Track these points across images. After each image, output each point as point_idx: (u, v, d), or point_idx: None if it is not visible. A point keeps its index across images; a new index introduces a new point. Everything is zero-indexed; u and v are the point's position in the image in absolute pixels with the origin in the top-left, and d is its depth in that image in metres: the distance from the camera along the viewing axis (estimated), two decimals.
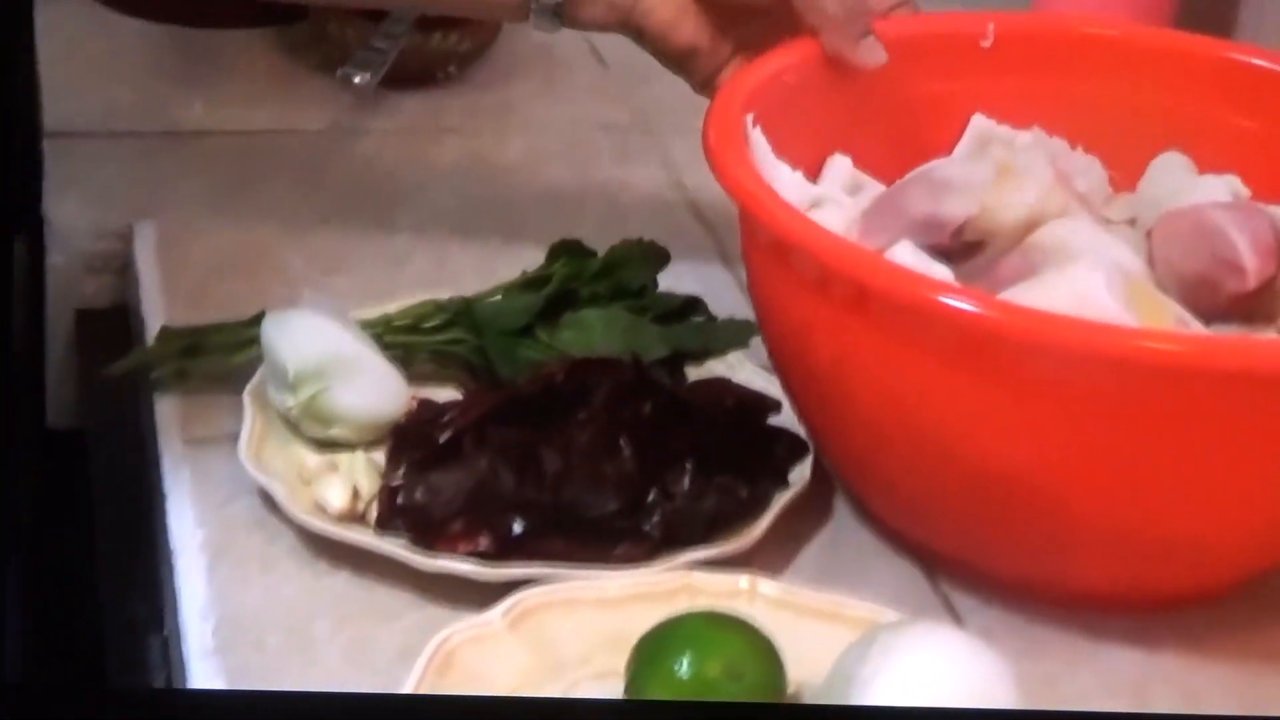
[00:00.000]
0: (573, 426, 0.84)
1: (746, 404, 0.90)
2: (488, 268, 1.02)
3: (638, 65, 1.23)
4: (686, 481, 0.83)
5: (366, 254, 1.07)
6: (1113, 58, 0.97)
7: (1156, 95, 0.96)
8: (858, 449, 0.84)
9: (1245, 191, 0.91)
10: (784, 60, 0.90)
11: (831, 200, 0.87)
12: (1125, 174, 0.96)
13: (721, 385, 0.92)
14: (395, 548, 0.80)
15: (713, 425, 0.86)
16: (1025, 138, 0.95)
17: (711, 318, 0.98)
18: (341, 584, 0.81)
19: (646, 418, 0.85)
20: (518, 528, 0.81)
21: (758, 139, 0.85)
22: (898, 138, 0.95)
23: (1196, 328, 0.79)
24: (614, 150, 1.23)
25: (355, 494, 0.83)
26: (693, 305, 0.98)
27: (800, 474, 0.87)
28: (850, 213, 0.86)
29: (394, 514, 0.81)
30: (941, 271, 0.80)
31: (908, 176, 0.86)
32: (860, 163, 0.92)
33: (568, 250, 0.99)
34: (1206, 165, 0.94)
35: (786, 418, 0.89)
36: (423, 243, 1.08)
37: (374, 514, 0.82)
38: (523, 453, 0.82)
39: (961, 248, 0.83)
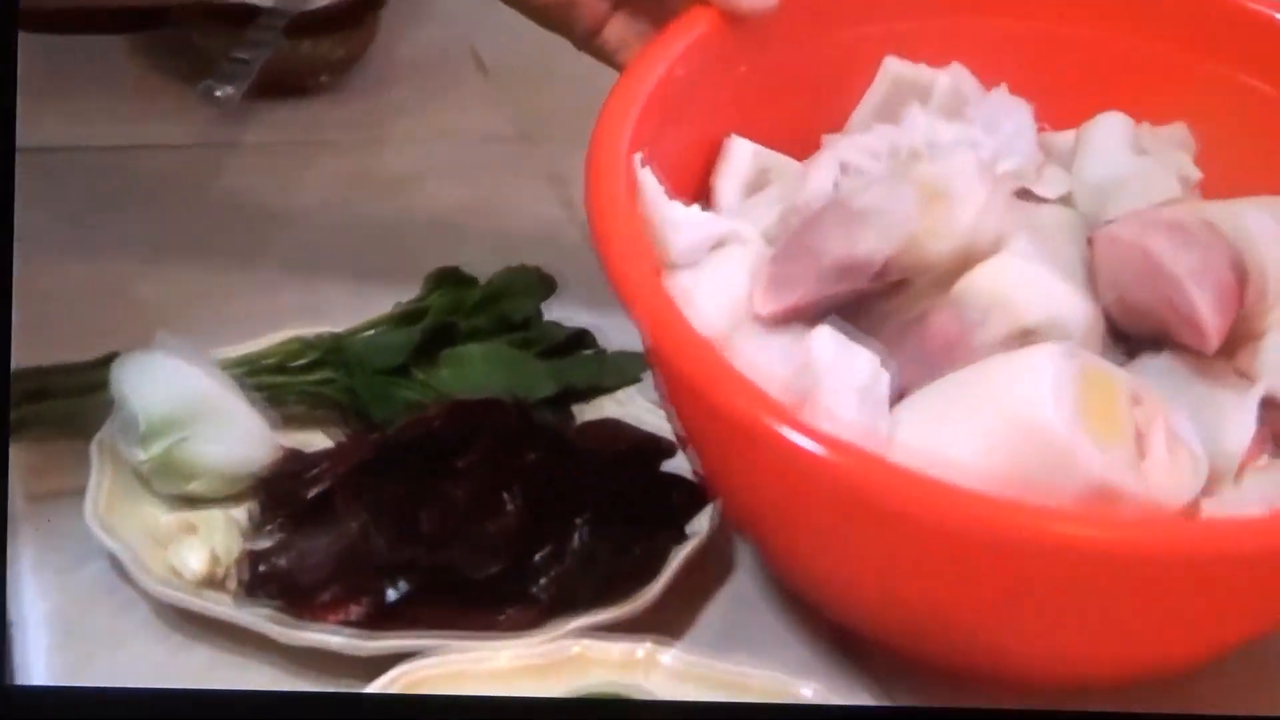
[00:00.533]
0: (452, 479, 0.77)
1: (640, 448, 0.83)
2: (363, 298, 0.95)
3: (520, 71, 1.16)
4: (577, 539, 0.76)
5: (231, 284, 0.99)
6: None
7: (1091, 29, 0.88)
8: (764, 532, 0.77)
9: (1194, 174, 0.84)
10: (669, 54, 0.81)
11: (735, 238, 0.78)
12: (1057, 118, 0.88)
13: (613, 427, 0.85)
14: (259, 619, 0.73)
15: (604, 473, 0.80)
16: (944, 79, 0.86)
17: (601, 351, 0.92)
18: (201, 660, 0.74)
19: (532, 467, 0.78)
20: (393, 594, 0.74)
21: (648, 183, 0.76)
22: (805, 99, 0.86)
23: (1150, 401, 0.69)
24: (498, 164, 1.16)
25: (215, 558, 0.76)
26: (581, 338, 0.92)
27: (699, 525, 0.80)
28: (755, 250, 0.77)
29: (257, 582, 0.74)
30: (865, 366, 0.70)
31: (821, 207, 0.77)
32: (772, 137, 0.84)
33: (446, 279, 0.92)
34: (1149, 110, 0.86)
35: (681, 460, 0.82)
36: (293, 271, 1.01)
37: (236, 580, 0.75)
38: (398, 510, 0.76)
39: (885, 287, 0.74)
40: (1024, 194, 0.83)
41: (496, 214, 1.09)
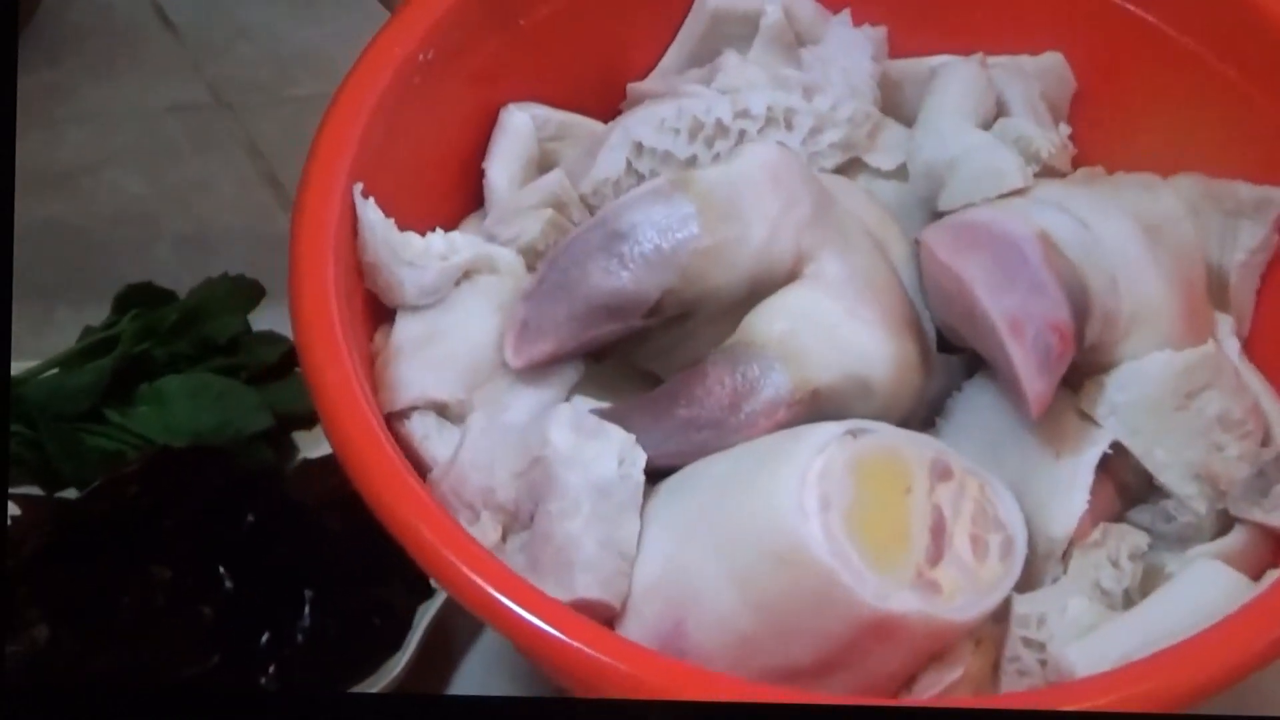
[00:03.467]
0: (156, 556, 0.66)
1: None
2: (44, 323, 0.83)
3: (211, 28, 1.03)
4: (306, 615, 0.66)
5: None
6: None
7: None
8: None
9: (1044, 144, 0.69)
10: (410, 39, 0.67)
11: (485, 265, 0.66)
12: (917, 41, 0.75)
13: (336, 468, 0.74)
14: None
15: (330, 531, 0.70)
16: (773, 8, 0.73)
17: None
18: None
19: (249, 534, 0.67)
20: (91, 706, 0.63)
21: (372, 219, 0.63)
22: (604, 46, 0.74)
23: (960, 473, 0.59)
24: (192, 138, 1.03)
25: None
26: (294, 356, 0.80)
27: None
28: (510, 279, 0.65)
29: None
30: (611, 455, 0.59)
31: (582, 229, 0.64)
32: (563, 97, 0.72)
33: (137, 298, 0.81)
34: (1020, 32, 0.74)
35: None
36: None
37: None
38: (90, 603, 0.64)
39: (663, 322, 0.63)
40: (855, 163, 0.71)
41: (192, 202, 0.97)
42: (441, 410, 0.64)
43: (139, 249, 0.90)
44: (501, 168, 0.70)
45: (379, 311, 0.66)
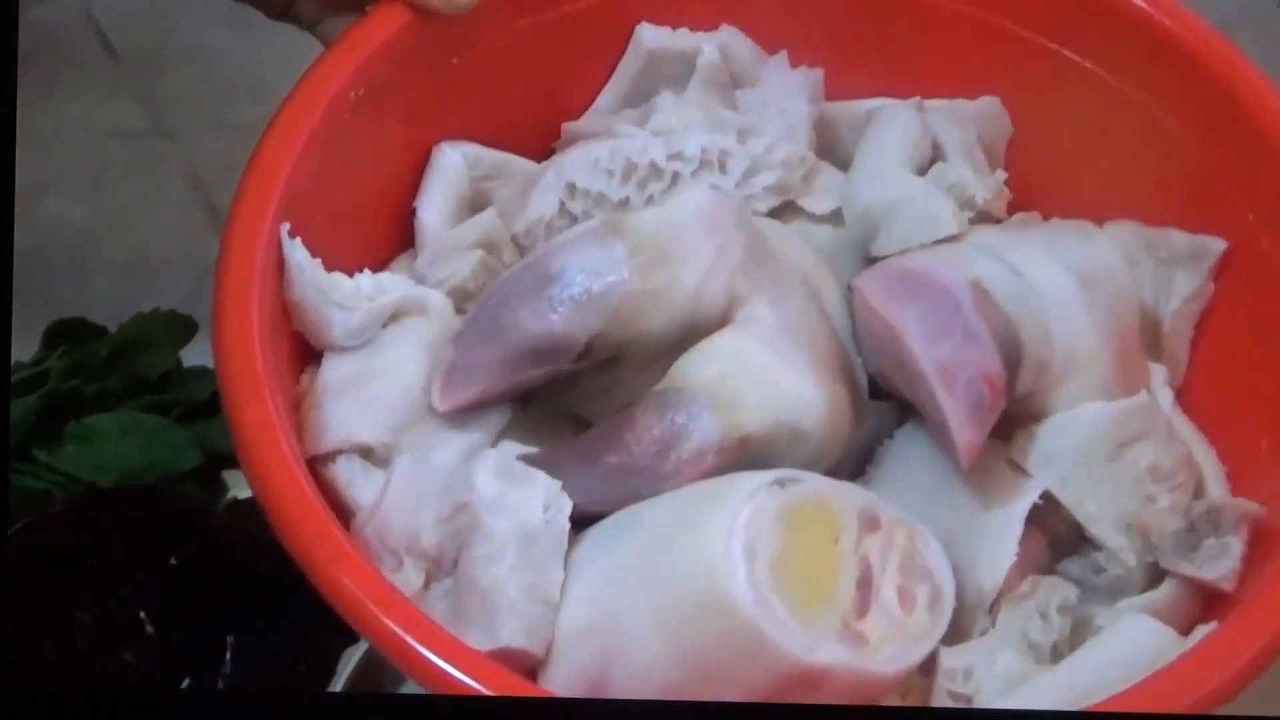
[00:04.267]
0: (79, 599, 0.65)
1: None
2: None
3: (150, 52, 1.02)
4: (228, 661, 0.65)
5: None
6: None
7: None
8: None
9: (981, 190, 0.68)
10: (338, 78, 0.65)
11: (414, 306, 0.65)
12: (852, 84, 0.74)
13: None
14: None
15: (257, 572, 0.68)
16: (709, 49, 0.73)
17: None
18: None
19: (173, 576, 0.66)
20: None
21: (298, 259, 0.62)
22: (539, 86, 0.72)
23: (888, 522, 0.58)
24: (131, 165, 1.02)
25: None
26: None
27: None
28: (439, 321, 0.64)
29: None
30: (536, 501, 0.58)
31: (512, 272, 0.63)
32: (496, 138, 0.70)
33: (67, 333, 0.79)
34: (956, 84, 0.73)
35: None
36: None
37: None
38: (11, 648, 0.63)
39: (592, 365, 0.62)
40: (789, 207, 0.70)
41: (129, 230, 0.96)
42: (367, 454, 0.63)
43: (75, 275, 0.89)
44: (433, 207, 0.69)
45: (306, 352, 0.65)
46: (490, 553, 0.57)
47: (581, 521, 0.60)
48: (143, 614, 0.64)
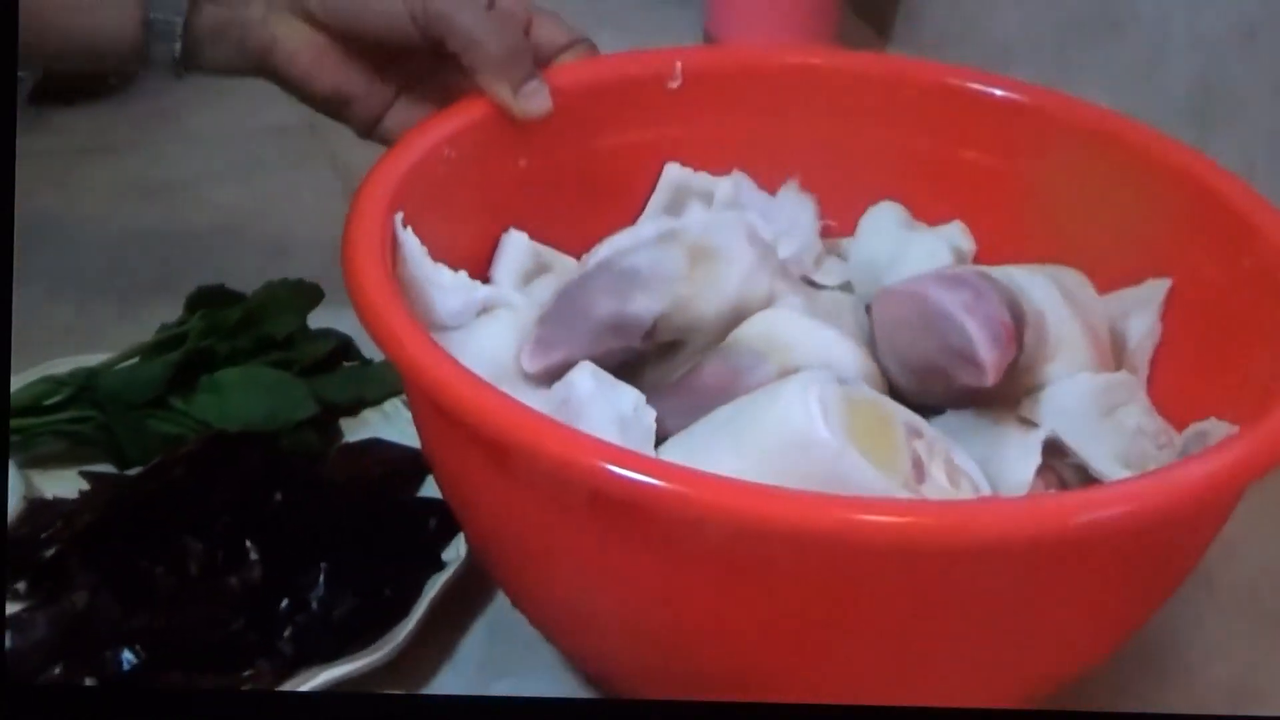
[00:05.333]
0: (193, 530, 0.64)
1: (397, 471, 0.71)
2: (132, 318, 0.81)
3: None
4: (321, 584, 0.64)
5: None
6: (818, 89, 0.73)
7: (869, 129, 0.73)
8: (528, 597, 0.62)
9: (969, 246, 0.71)
10: (439, 132, 0.67)
11: (503, 303, 0.65)
12: (843, 217, 0.74)
13: (371, 450, 0.72)
14: None
15: (355, 507, 0.67)
16: (725, 185, 0.73)
17: (366, 362, 0.78)
18: None
19: (277, 511, 0.65)
20: (128, 663, 0.61)
21: (410, 243, 0.62)
22: (585, 200, 0.72)
23: (929, 436, 0.58)
24: (283, 158, 1.02)
25: None
26: (345, 351, 0.78)
27: (456, 551, 0.68)
28: (526, 316, 0.64)
29: None
30: (627, 399, 0.59)
31: (588, 267, 0.64)
32: (545, 234, 0.70)
33: (207, 299, 0.78)
34: (929, 208, 0.73)
35: None
36: (63, 291, 0.86)
37: None
38: (131, 571, 0.63)
39: (657, 349, 0.63)
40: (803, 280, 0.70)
41: (276, 214, 0.96)
42: None
43: (223, 255, 0.88)
44: (505, 279, 0.69)
45: None
46: (592, 432, 0.56)
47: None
48: (249, 543, 0.63)
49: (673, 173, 0.74)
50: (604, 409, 0.58)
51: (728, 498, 0.50)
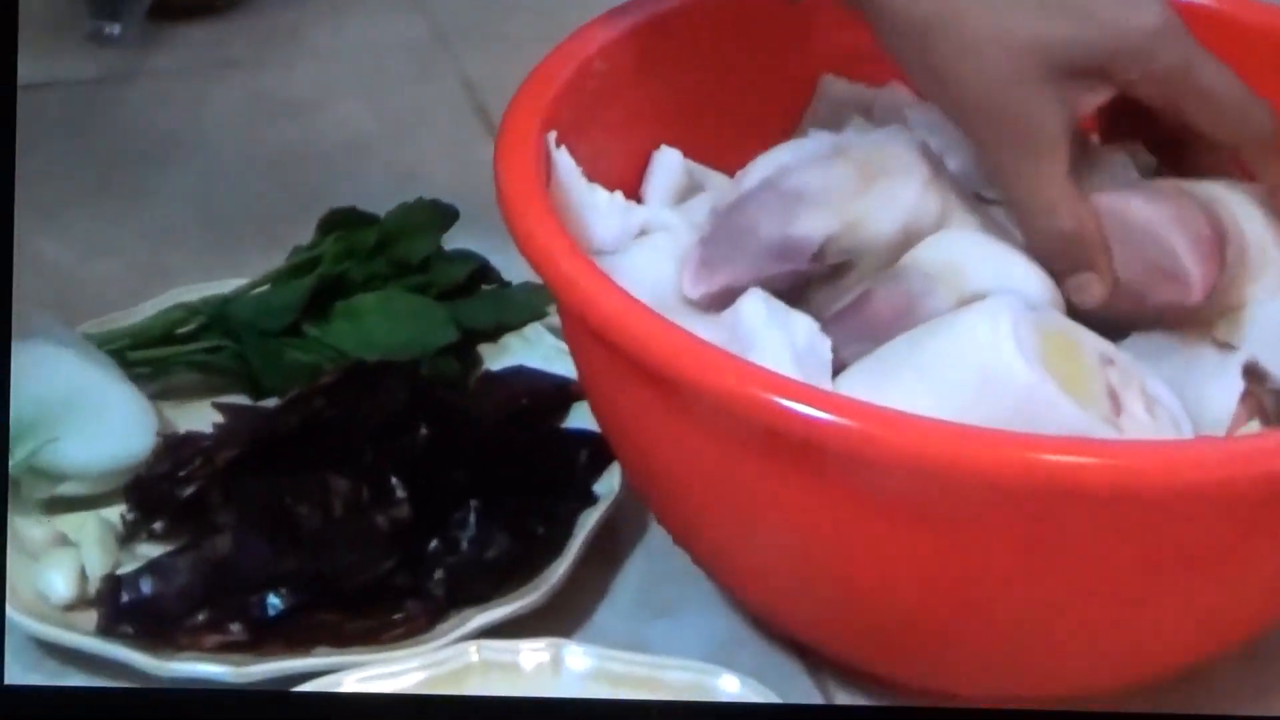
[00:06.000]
0: (337, 467, 0.60)
1: (543, 400, 0.67)
2: (265, 238, 0.78)
3: None
4: (472, 523, 0.60)
5: (132, 232, 0.82)
6: None
7: None
8: (692, 535, 0.59)
9: (1150, 163, 0.62)
10: (590, 45, 0.62)
11: (660, 226, 0.60)
12: None
13: (514, 379, 0.69)
14: (126, 650, 0.57)
15: (503, 439, 0.63)
16: (884, 95, 0.68)
17: (505, 285, 0.74)
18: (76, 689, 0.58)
19: (423, 446, 0.62)
20: (274, 608, 0.58)
21: (564, 163, 0.58)
22: (743, 115, 0.67)
23: (1122, 363, 0.53)
24: (410, 74, 0.98)
25: (84, 577, 0.60)
26: (483, 273, 0.74)
27: (609, 485, 0.64)
28: (684, 238, 0.59)
29: (120, 613, 0.57)
30: (801, 327, 0.54)
31: (750, 185, 0.59)
32: (699, 150, 0.66)
33: (340, 221, 0.75)
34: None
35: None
36: (192, 213, 0.83)
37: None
38: (275, 511, 0.59)
39: (826, 270, 0.57)
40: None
41: (406, 132, 0.92)
42: None
43: (353, 174, 0.85)
44: (656, 192, 0.64)
45: None
46: (767, 362, 0.52)
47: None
48: (394, 479, 0.60)
49: (829, 85, 0.70)
50: (777, 339, 0.53)
51: (916, 437, 0.46)
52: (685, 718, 0.53)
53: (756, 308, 0.54)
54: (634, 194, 0.65)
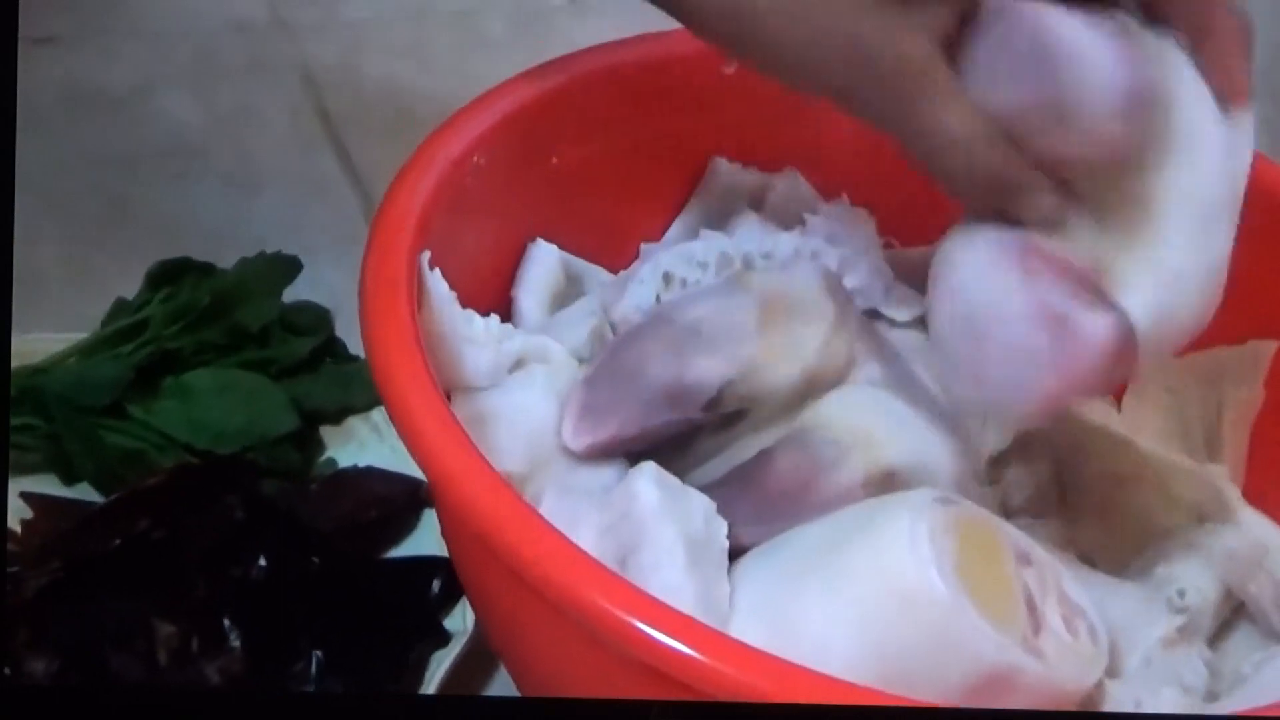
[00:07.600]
0: (160, 611, 0.54)
1: (393, 511, 0.61)
2: (84, 274, 0.70)
3: None
4: (313, 679, 0.54)
5: None
6: None
7: None
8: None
9: None
10: (465, 138, 0.55)
11: (538, 356, 0.54)
12: (905, 235, 0.64)
13: (362, 484, 0.62)
14: None
15: (348, 574, 0.57)
16: (780, 184, 0.63)
17: (353, 359, 0.68)
18: None
19: (260, 580, 0.55)
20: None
21: (438, 290, 0.51)
22: (625, 200, 0.62)
23: (1039, 560, 0.48)
24: (245, 62, 0.89)
25: None
26: (326, 348, 0.67)
27: (462, 620, 0.58)
28: (564, 372, 0.54)
29: None
30: (698, 509, 0.48)
31: (643, 321, 0.54)
32: (577, 243, 0.60)
33: (170, 275, 0.67)
34: None
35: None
36: None
37: None
38: (92, 660, 0.53)
39: (717, 420, 0.52)
40: (871, 315, 0.59)
41: (238, 136, 0.83)
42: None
43: (184, 185, 0.76)
44: (531, 295, 0.59)
45: None
46: (660, 558, 0.47)
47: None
48: (227, 622, 0.54)
49: (721, 168, 0.64)
50: (670, 526, 0.48)
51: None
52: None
53: (648, 488, 0.49)
54: (508, 291, 0.59)
